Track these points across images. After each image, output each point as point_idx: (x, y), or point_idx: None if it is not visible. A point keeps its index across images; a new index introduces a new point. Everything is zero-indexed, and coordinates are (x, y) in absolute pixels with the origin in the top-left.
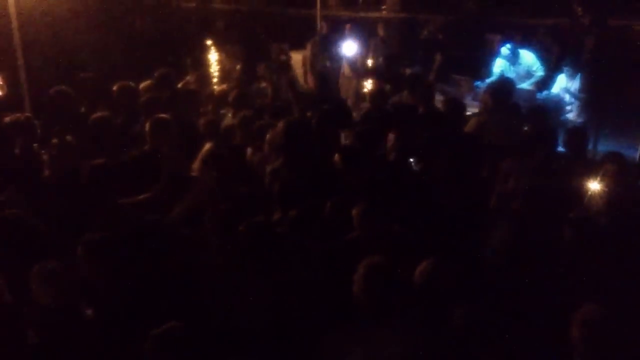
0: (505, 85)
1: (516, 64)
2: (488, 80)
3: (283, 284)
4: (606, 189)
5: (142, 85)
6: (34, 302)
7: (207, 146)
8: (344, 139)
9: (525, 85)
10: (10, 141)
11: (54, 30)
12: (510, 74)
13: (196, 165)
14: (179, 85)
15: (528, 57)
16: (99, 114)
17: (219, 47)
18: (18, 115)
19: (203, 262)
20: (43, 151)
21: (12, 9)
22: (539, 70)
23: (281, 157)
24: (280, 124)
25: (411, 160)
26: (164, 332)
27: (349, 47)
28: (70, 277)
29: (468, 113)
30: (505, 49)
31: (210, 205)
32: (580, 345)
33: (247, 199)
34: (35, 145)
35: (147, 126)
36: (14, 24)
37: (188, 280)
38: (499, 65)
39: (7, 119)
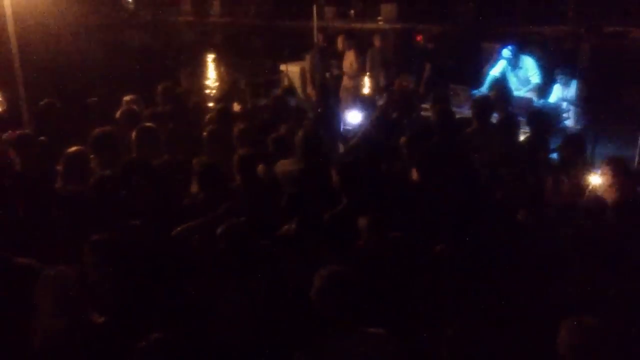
0: (502, 92)
1: (517, 67)
2: (483, 88)
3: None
4: (607, 194)
5: (126, 98)
6: (38, 308)
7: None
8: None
9: (523, 92)
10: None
11: (52, 46)
12: (511, 78)
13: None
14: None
15: (528, 63)
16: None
17: (217, 59)
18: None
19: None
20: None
21: (10, 25)
22: (536, 78)
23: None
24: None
25: None
26: (149, 345)
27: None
28: (77, 283)
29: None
30: (506, 51)
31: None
32: (569, 354)
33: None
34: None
35: (133, 135)
36: (12, 40)
37: (182, 286)
38: (500, 68)
39: (4, 136)
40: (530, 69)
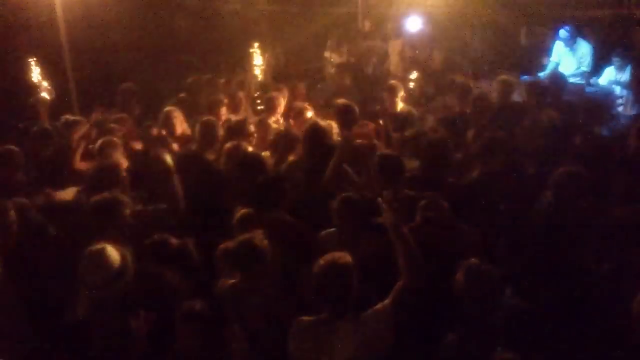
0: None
1: (574, 48)
2: (541, 73)
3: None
4: None
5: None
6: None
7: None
8: None
9: (572, 79)
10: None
11: (100, 34)
12: (568, 58)
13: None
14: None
15: (583, 47)
16: None
17: (265, 48)
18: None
19: None
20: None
21: (59, 15)
22: (585, 65)
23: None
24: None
25: None
26: (189, 307)
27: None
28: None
29: None
30: (563, 32)
31: None
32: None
33: None
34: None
35: (197, 128)
36: (62, 29)
37: None
38: (557, 49)
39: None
40: (583, 54)
